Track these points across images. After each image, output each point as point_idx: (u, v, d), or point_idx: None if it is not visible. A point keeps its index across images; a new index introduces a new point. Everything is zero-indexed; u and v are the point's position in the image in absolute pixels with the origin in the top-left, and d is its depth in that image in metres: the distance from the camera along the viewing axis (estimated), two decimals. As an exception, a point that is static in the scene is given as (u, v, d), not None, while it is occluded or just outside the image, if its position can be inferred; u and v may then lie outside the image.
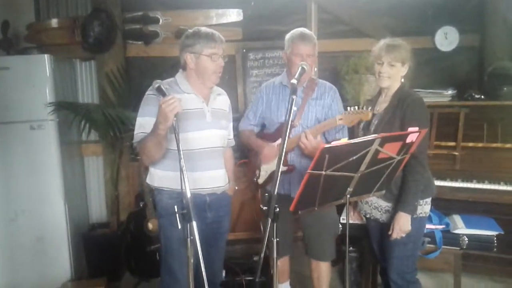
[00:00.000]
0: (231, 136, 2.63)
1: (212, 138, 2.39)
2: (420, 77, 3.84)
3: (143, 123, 2.28)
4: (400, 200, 2.35)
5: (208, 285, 1.89)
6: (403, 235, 2.36)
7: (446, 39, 4.23)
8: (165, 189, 2.36)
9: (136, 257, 3.58)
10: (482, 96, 3.72)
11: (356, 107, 2.40)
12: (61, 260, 3.68)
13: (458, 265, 2.96)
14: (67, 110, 3.53)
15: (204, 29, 2.33)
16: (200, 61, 2.29)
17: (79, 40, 4.00)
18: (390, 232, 2.37)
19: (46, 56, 3.52)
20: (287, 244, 2.92)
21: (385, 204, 2.47)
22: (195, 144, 2.31)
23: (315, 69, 4.00)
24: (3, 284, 3.64)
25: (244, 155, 3.53)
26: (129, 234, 3.63)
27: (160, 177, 2.38)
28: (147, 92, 2.35)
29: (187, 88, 2.35)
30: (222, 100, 2.52)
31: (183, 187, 1.85)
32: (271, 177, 2.73)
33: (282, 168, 2.58)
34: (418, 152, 2.22)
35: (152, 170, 2.43)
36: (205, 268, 2.32)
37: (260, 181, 2.80)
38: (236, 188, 2.78)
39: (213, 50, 2.28)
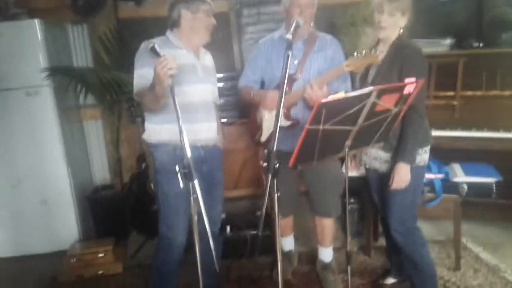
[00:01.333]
0: (217, 94, 2.67)
1: (204, 92, 2.46)
2: (418, 26, 3.76)
3: (141, 73, 2.30)
4: (399, 150, 2.36)
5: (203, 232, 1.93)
6: (403, 185, 2.39)
7: (444, -14, 4.14)
8: (163, 143, 2.40)
9: (141, 217, 3.65)
10: (481, 44, 3.67)
11: (363, 51, 2.37)
12: (68, 222, 3.76)
13: (458, 211, 3.01)
14: (62, 75, 3.51)
15: None
16: (196, 17, 2.35)
17: (69, 3, 3.92)
18: (390, 183, 2.40)
19: (36, 21, 3.47)
20: (292, 203, 2.95)
21: (384, 155, 2.49)
22: (190, 97, 2.35)
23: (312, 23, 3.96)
24: (13, 249, 3.74)
25: (244, 115, 3.53)
26: (133, 195, 3.69)
27: (156, 131, 2.43)
28: (141, 46, 2.38)
29: (179, 44, 2.40)
30: (209, 58, 2.60)
31: (184, 147, 1.85)
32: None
33: (286, 122, 2.61)
34: (416, 102, 2.21)
35: (148, 125, 2.48)
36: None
37: (263, 138, 2.77)
38: (223, 141, 2.80)
39: (208, 6, 2.36)
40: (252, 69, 2.85)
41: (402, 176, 2.36)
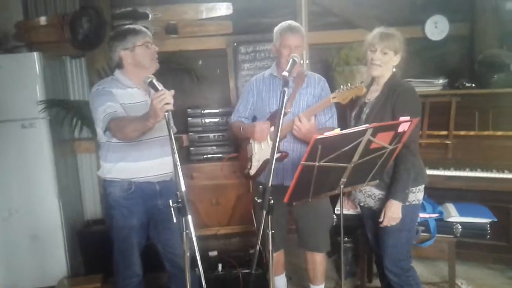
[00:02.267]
0: (172, 123, 2.67)
1: (159, 127, 2.38)
2: (411, 66, 3.82)
3: (107, 107, 2.29)
4: (391, 188, 2.37)
5: (172, 268, 1.90)
6: (393, 223, 2.38)
7: (436, 28, 4.25)
8: (117, 180, 2.44)
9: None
10: (473, 85, 3.73)
11: (349, 84, 2.42)
12: (57, 257, 3.68)
13: (452, 252, 2.98)
14: (58, 107, 3.52)
15: (125, 27, 2.48)
16: (136, 53, 2.40)
17: (68, 37, 3.98)
18: (381, 220, 2.39)
19: (35, 54, 3.50)
20: (282, 237, 2.92)
21: (378, 192, 2.49)
22: (144, 134, 2.31)
23: (307, 61, 4.02)
24: (1, 284, 3.63)
25: (234, 149, 3.53)
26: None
27: (110, 169, 2.45)
28: (95, 87, 2.43)
29: (128, 83, 2.44)
30: None
31: (177, 181, 1.84)
32: (264, 167, 2.74)
33: (275, 155, 2.61)
34: (409, 141, 2.23)
35: (103, 164, 2.50)
36: (167, 251, 2.59)
37: (252, 171, 2.80)
38: None
39: (145, 39, 2.41)
40: (243, 105, 2.91)
41: (393, 214, 2.36)
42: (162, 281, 3.35)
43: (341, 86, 2.46)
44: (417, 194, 2.45)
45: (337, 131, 1.85)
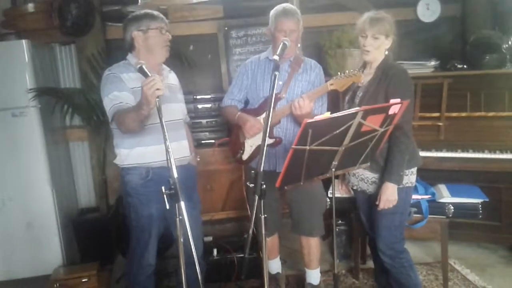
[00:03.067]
0: (186, 112, 2.71)
1: (172, 111, 2.47)
2: (402, 48, 3.82)
3: (112, 96, 2.30)
4: (386, 170, 2.38)
5: (189, 256, 1.90)
6: (390, 205, 2.39)
7: (428, 9, 4.23)
8: (134, 166, 2.42)
9: (127, 240, 3.58)
10: (465, 66, 3.74)
11: (347, 71, 2.42)
12: (52, 245, 3.68)
13: (445, 233, 3.01)
14: (49, 95, 3.50)
15: (143, 10, 2.46)
16: (149, 36, 2.38)
17: (57, 24, 3.93)
18: (377, 203, 2.40)
19: (24, 41, 3.46)
20: (275, 221, 2.94)
21: (372, 175, 2.50)
22: (157, 118, 2.29)
23: (299, 44, 4.00)
24: (-4, 273, 3.65)
25: (227, 135, 3.52)
26: (119, 218, 3.64)
27: (127, 155, 2.43)
28: (106, 73, 2.42)
29: None
30: (173, 77, 2.64)
31: (170, 167, 1.84)
32: (257, 152, 2.74)
33: (268, 141, 2.62)
34: (403, 122, 2.24)
35: (118, 150, 2.48)
36: (183, 238, 2.43)
37: (245, 156, 2.80)
38: (198, 159, 2.85)
39: (160, 24, 2.39)
40: (237, 87, 2.89)
41: (389, 196, 2.37)
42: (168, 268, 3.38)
43: (339, 73, 2.45)
44: (410, 177, 2.47)
45: (328, 115, 1.85)
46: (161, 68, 2.52)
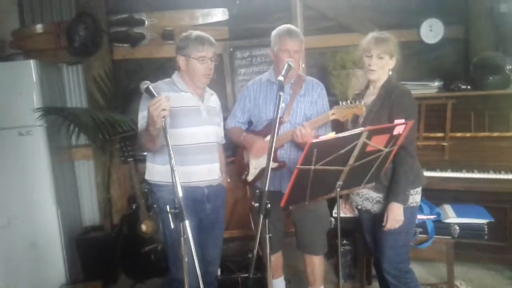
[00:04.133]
0: (223, 134, 2.74)
1: (207, 133, 2.50)
2: (406, 69, 3.83)
3: (143, 115, 2.34)
4: (392, 190, 2.38)
5: (206, 275, 1.90)
6: (397, 225, 2.39)
7: (431, 31, 4.26)
8: (166, 183, 2.40)
9: (130, 259, 3.58)
10: (469, 87, 3.75)
11: (349, 101, 2.42)
12: (55, 264, 3.67)
13: (451, 254, 3.00)
14: (55, 115, 3.52)
15: (196, 32, 2.43)
16: (190, 63, 2.40)
17: (65, 45, 3.99)
18: (384, 223, 2.40)
19: (32, 61, 3.51)
20: (278, 239, 2.94)
21: (376, 195, 2.50)
22: (192, 139, 2.41)
23: (303, 65, 4.03)
24: (-1, 292, 3.63)
25: (232, 154, 3.53)
26: (123, 237, 3.64)
27: (160, 172, 2.44)
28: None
29: (183, 87, 2.46)
30: (214, 100, 2.65)
31: (175, 187, 1.85)
32: (261, 173, 2.74)
33: (273, 164, 2.62)
34: (407, 143, 2.24)
35: (151, 165, 2.50)
36: (203, 257, 2.46)
37: (250, 178, 2.81)
38: (229, 180, 2.87)
39: (202, 53, 2.38)
40: (240, 109, 2.90)
41: (396, 216, 2.36)
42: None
43: (341, 102, 2.44)
44: (415, 196, 2.46)
45: (332, 135, 1.86)
46: (203, 91, 2.54)
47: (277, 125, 1.90)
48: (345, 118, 2.46)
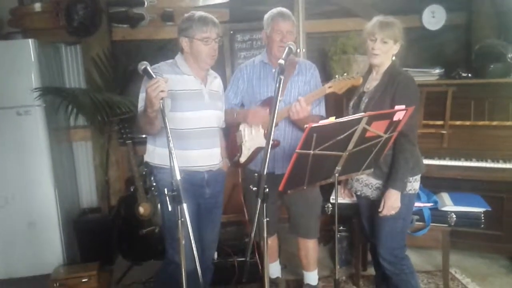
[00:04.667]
0: (224, 118, 2.70)
1: (209, 118, 2.47)
2: (407, 56, 3.79)
3: (142, 97, 2.30)
4: (390, 177, 2.37)
5: (203, 258, 1.90)
6: (393, 212, 2.39)
7: (433, 17, 4.23)
8: (166, 166, 2.36)
9: (128, 241, 3.60)
10: (469, 75, 3.73)
11: (345, 74, 2.42)
12: (53, 245, 3.68)
13: (447, 241, 3.01)
14: (54, 95, 3.51)
15: (198, 13, 2.39)
16: (194, 45, 2.36)
17: (64, 24, 3.95)
18: (380, 209, 2.40)
19: (30, 40, 3.48)
20: (273, 222, 2.94)
21: (376, 182, 2.50)
22: (194, 123, 2.38)
23: (304, 50, 4.01)
24: (-3, 271, 3.65)
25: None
26: (120, 219, 3.65)
27: (161, 154, 2.42)
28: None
29: (186, 70, 2.42)
30: (217, 83, 2.61)
31: (173, 169, 1.84)
32: (254, 154, 2.75)
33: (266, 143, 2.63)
34: (408, 129, 2.24)
35: (151, 148, 2.48)
36: (201, 241, 2.46)
37: (242, 159, 2.80)
38: (229, 164, 2.83)
39: (206, 34, 2.34)
40: (233, 91, 2.89)
41: (393, 203, 2.36)
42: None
43: (337, 76, 2.45)
44: (413, 184, 2.46)
45: (332, 120, 1.85)
46: (206, 74, 2.51)
47: (277, 107, 1.90)
48: (342, 90, 2.48)
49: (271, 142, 2.63)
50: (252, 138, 2.73)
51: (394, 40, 2.38)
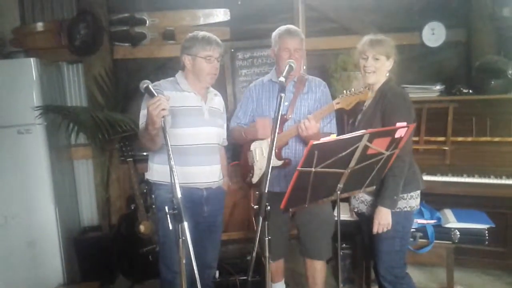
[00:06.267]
0: (225, 136, 2.71)
1: (209, 134, 2.48)
2: (408, 73, 3.86)
3: (143, 114, 2.33)
4: (379, 194, 2.35)
5: (203, 278, 1.88)
6: (384, 229, 2.36)
7: (433, 34, 4.25)
8: (164, 183, 2.40)
9: (128, 260, 3.57)
10: (470, 91, 3.74)
11: (353, 89, 2.41)
12: (53, 264, 3.65)
13: (451, 259, 2.98)
14: (55, 113, 3.51)
15: (202, 32, 2.44)
16: (196, 63, 2.40)
17: (66, 43, 3.98)
18: (371, 226, 2.38)
19: (32, 59, 3.50)
20: (283, 245, 2.92)
21: (370, 198, 2.49)
22: (193, 139, 2.40)
23: (304, 67, 4.02)
24: (-4, 291, 3.61)
25: (236, 156, 3.53)
26: (121, 237, 3.62)
27: (158, 171, 2.43)
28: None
29: (186, 87, 2.45)
30: (218, 101, 2.63)
31: (174, 187, 1.83)
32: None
33: (277, 162, 2.64)
34: (398, 147, 2.23)
35: (150, 164, 2.50)
36: (200, 260, 2.33)
37: (254, 180, 2.77)
38: (230, 184, 2.84)
39: (208, 52, 2.38)
40: (243, 111, 2.89)
41: (381, 220, 2.35)
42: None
43: (345, 92, 2.45)
44: (409, 201, 2.43)
45: (334, 137, 1.85)
46: (207, 91, 2.53)
47: (277, 125, 1.89)
48: (350, 105, 2.45)
49: (281, 161, 2.65)
50: (263, 158, 2.72)
51: (386, 56, 2.39)
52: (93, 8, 3.98)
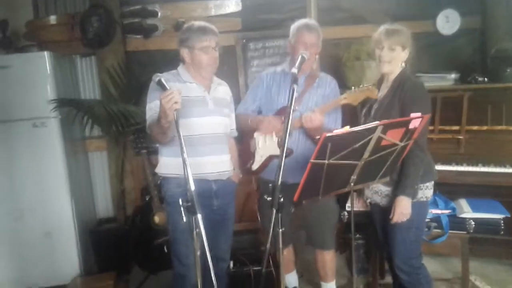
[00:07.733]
0: (234, 127, 2.70)
1: (214, 124, 2.47)
2: (422, 61, 3.82)
3: (151, 106, 2.36)
4: (400, 184, 2.34)
5: (216, 271, 1.89)
6: (404, 219, 2.36)
7: (448, 22, 4.18)
8: (173, 176, 2.41)
9: (144, 251, 3.60)
10: (485, 79, 3.68)
11: (361, 85, 2.41)
12: (69, 255, 3.70)
13: (466, 249, 2.96)
14: (69, 106, 3.54)
15: (197, 23, 2.42)
16: (194, 55, 2.39)
17: (78, 36, 4.00)
18: (391, 216, 2.37)
19: (46, 53, 3.52)
20: (288, 233, 2.92)
21: (385, 189, 2.47)
22: (198, 129, 2.39)
23: (317, 56, 4.00)
24: (14, 281, 3.67)
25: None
26: (136, 228, 3.66)
27: (167, 164, 2.44)
28: (155, 78, 2.39)
29: (188, 78, 2.44)
30: (223, 90, 2.61)
31: (187, 180, 1.84)
32: (267, 162, 2.74)
33: (279, 151, 2.62)
34: (418, 136, 2.21)
35: (160, 158, 2.50)
36: (213, 254, 2.37)
37: (254, 167, 2.79)
38: (241, 176, 2.81)
39: (205, 43, 2.37)
40: (252, 97, 2.90)
41: (403, 210, 2.33)
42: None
43: (353, 88, 2.45)
44: (425, 191, 2.42)
45: (347, 129, 1.84)
46: (210, 81, 2.52)
47: (290, 116, 1.89)
48: (357, 101, 2.46)
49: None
50: (265, 146, 2.73)
51: (402, 47, 2.37)
52: (105, 0, 4.00)
